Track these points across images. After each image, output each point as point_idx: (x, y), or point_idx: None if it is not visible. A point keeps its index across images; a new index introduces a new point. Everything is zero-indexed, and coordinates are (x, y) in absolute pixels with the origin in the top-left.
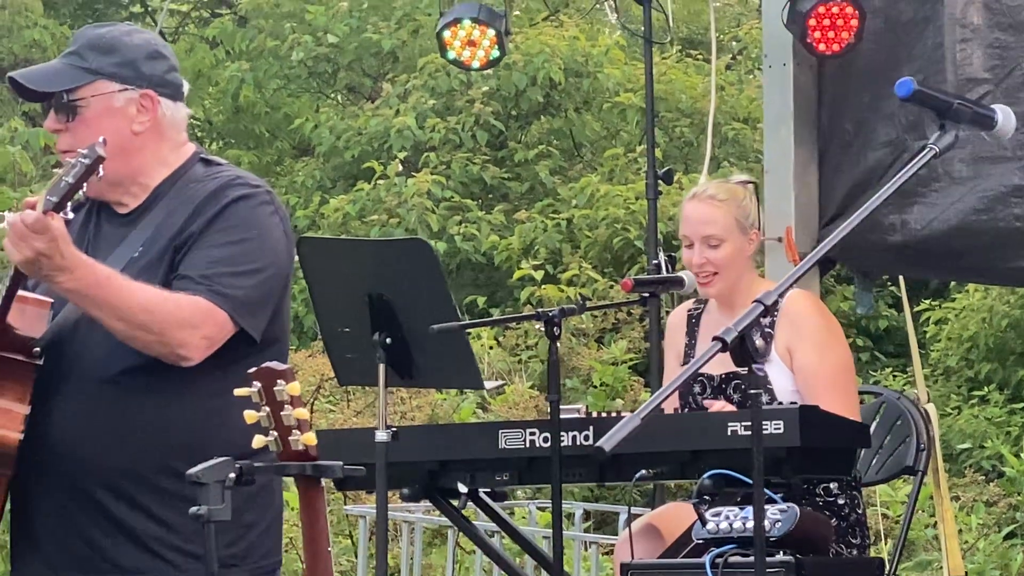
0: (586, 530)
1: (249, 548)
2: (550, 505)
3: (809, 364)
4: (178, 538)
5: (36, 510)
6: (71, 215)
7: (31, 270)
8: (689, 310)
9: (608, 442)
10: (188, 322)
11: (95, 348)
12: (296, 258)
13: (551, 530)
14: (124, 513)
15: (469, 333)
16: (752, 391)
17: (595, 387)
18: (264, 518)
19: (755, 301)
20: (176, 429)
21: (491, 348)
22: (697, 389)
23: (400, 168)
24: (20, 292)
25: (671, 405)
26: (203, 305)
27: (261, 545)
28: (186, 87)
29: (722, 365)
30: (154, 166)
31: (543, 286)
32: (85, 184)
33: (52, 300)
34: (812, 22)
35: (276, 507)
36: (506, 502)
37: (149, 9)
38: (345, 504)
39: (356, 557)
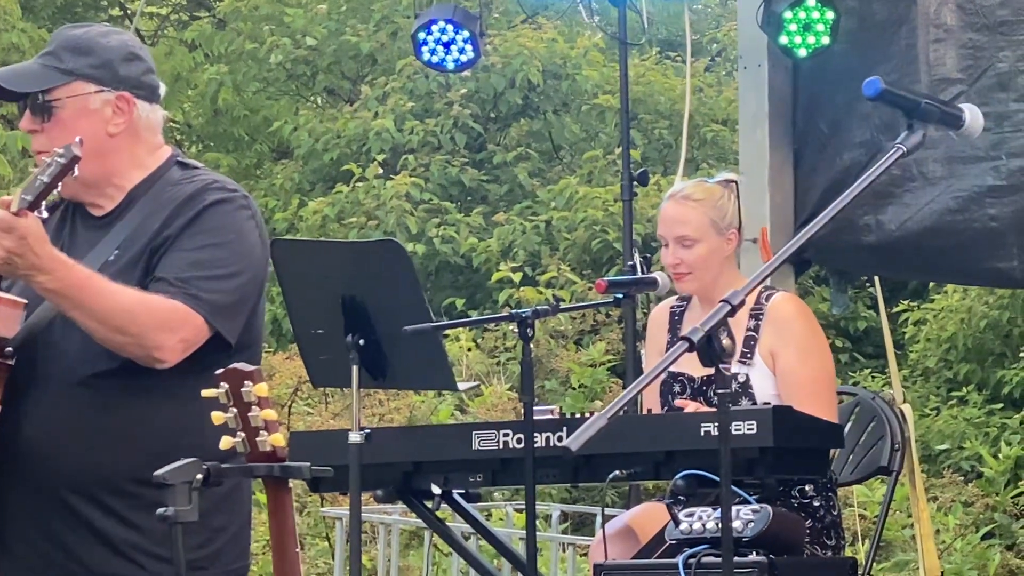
0: (563, 531)
1: (217, 552)
2: None
3: (791, 369)
4: (150, 542)
5: (6, 513)
6: (45, 214)
7: (6, 269)
8: (672, 307)
9: (575, 441)
10: (165, 325)
11: (68, 350)
12: (272, 260)
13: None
14: (96, 517)
15: (445, 335)
16: (720, 391)
17: (573, 389)
18: (234, 522)
19: (722, 301)
20: (149, 434)
21: (469, 350)
22: (677, 389)
23: (379, 171)
24: None
25: (654, 406)
26: (180, 308)
27: (230, 550)
28: (163, 89)
29: (703, 367)
30: (129, 168)
31: (522, 288)
32: (60, 183)
33: (26, 301)
34: (786, 23)
35: (245, 512)
36: (483, 503)
37: (128, 12)
38: (322, 506)
39: (333, 559)
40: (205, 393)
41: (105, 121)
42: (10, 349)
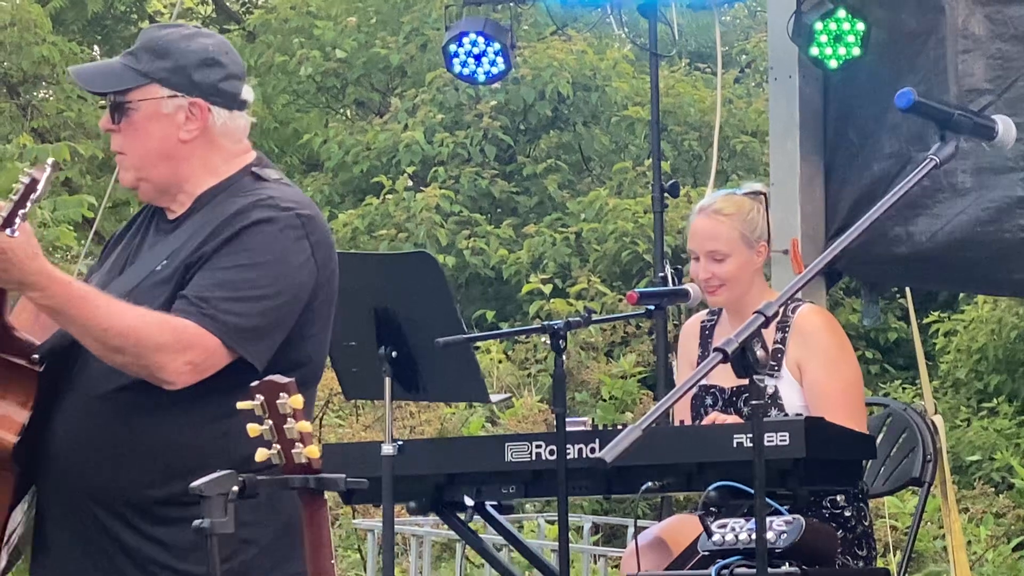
0: (594, 543)
1: (245, 566)
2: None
3: (818, 381)
4: (174, 559)
5: (46, 516)
6: (17, 234)
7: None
8: (703, 321)
9: (610, 453)
10: (168, 347)
11: (93, 362)
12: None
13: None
14: (120, 531)
15: (477, 347)
16: (754, 401)
17: (604, 401)
18: (264, 535)
19: (756, 312)
20: (171, 451)
21: (500, 362)
22: (709, 401)
23: (409, 183)
24: None
25: (686, 418)
26: (191, 330)
27: (261, 563)
28: (248, 94)
29: (733, 378)
30: (201, 175)
31: (552, 300)
32: (28, 203)
33: None
34: (817, 35)
35: (280, 525)
36: (514, 515)
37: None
38: (354, 518)
39: (365, 571)
40: (241, 405)
41: (177, 127)
42: (36, 356)
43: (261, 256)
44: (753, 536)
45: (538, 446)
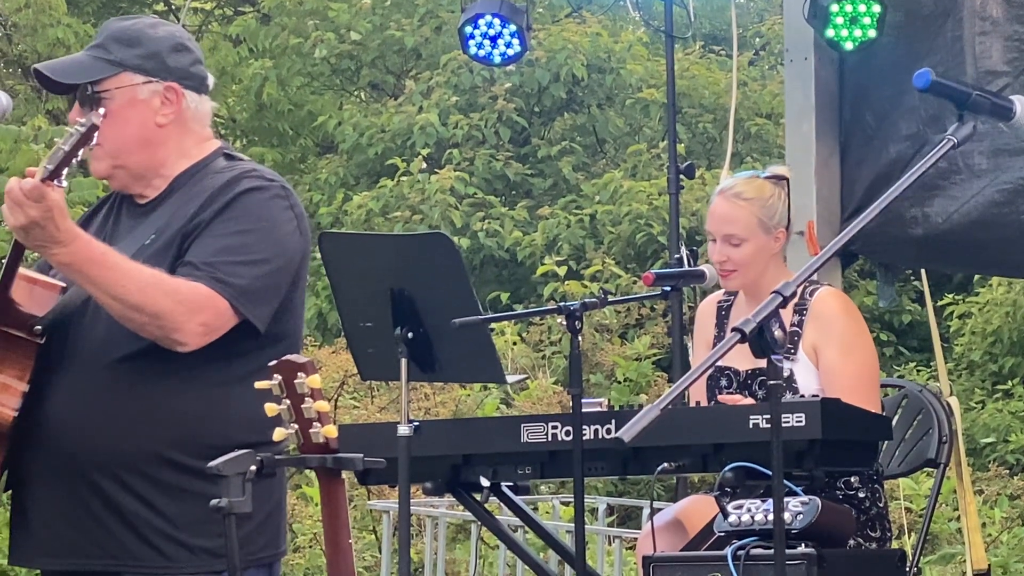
0: (609, 525)
1: (243, 540)
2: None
3: (834, 364)
4: (171, 527)
5: (30, 494)
6: (65, 183)
7: (25, 238)
8: (719, 301)
9: (628, 433)
10: (184, 306)
11: (97, 332)
12: (319, 254)
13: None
14: (119, 497)
15: (492, 328)
16: (772, 382)
17: (619, 382)
18: (260, 510)
19: (773, 292)
20: (174, 418)
21: (515, 344)
22: (724, 383)
23: (423, 165)
24: (32, 274)
25: (701, 399)
26: (202, 291)
27: (256, 538)
28: (211, 80)
29: (748, 361)
30: (177, 158)
31: (566, 282)
32: (80, 151)
33: (64, 285)
34: (833, 16)
35: (275, 500)
36: (530, 497)
37: (172, 7)
38: (369, 499)
39: (380, 552)
40: (259, 385)
41: (154, 112)
42: (39, 328)
43: (256, 222)
44: (769, 517)
45: (554, 427)
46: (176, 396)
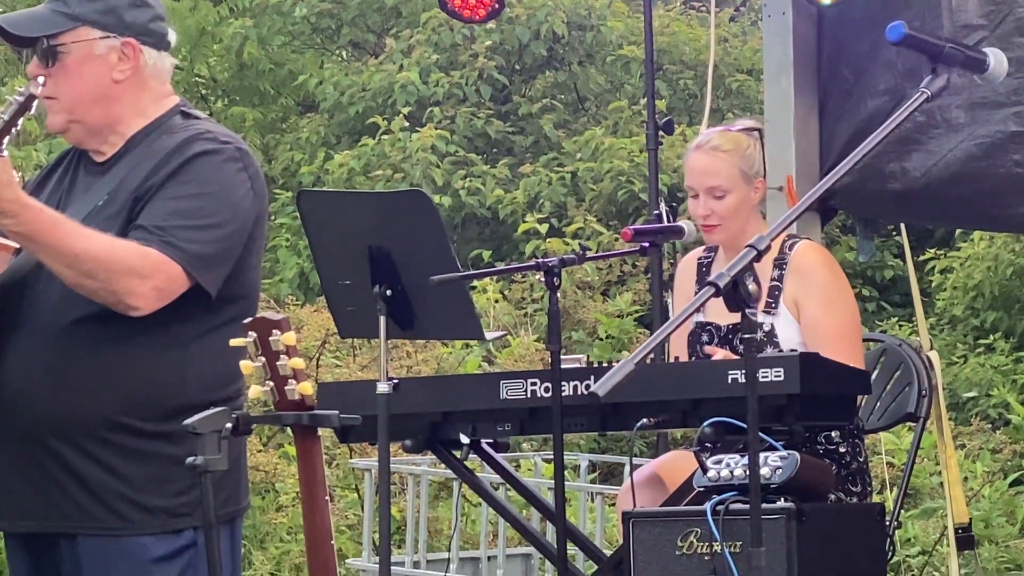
0: (592, 481)
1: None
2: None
3: (815, 318)
4: (128, 488)
5: None
6: (5, 153)
7: None
8: (700, 257)
9: (603, 387)
10: (136, 271)
11: (50, 295)
12: (298, 212)
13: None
14: (75, 460)
15: (474, 286)
16: (747, 335)
17: (600, 340)
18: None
19: (747, 246)
20: (130, 380)
21: (496, 302)
22: (705, 339)
23: (404, 123)
24: None
25: (682, 356)
26: (153, 256)
27: (217, 493)
28: (172, 37)
29: (729, 316)
30: (132, 116)
31: (548, 239)
32: (20, 121)
33: (17, 247)
34: None
35: (233, 455)
36: (511, 454)
37: None
38: (351, 458)
39: (362, 510)
40: (234, 342)
41: (110, 67)
42: None
43: (209, 186)
44: (748, 472)
45: (533, 383)
46: (130, 359)
